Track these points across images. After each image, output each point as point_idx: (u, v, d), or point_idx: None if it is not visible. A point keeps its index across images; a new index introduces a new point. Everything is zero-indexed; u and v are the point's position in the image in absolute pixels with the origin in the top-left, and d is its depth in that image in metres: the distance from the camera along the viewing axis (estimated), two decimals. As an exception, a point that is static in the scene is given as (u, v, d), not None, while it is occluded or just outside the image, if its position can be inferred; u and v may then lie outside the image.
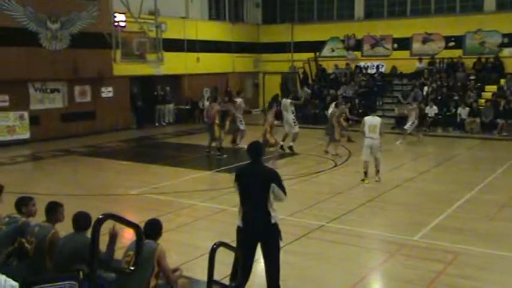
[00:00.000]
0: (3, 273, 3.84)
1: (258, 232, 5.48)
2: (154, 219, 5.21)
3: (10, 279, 3.78)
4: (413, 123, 17.64)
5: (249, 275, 5.56)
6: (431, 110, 20.35)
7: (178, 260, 6.33)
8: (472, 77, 21.90)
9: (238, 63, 27.11)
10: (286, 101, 15.61)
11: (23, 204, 5.59)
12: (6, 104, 17.37)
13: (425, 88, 21.94)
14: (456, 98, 20.96)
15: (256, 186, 5.46)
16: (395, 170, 13.21)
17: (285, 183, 5.71)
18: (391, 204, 10.05)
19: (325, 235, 8.17)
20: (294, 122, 15.38)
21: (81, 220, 5.01)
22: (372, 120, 11.55)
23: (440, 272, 6.65)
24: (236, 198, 5.67)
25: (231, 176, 5.75)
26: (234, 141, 16.71)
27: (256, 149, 5.64)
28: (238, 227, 5.56)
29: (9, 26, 16.65)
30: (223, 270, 5.53)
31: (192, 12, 24.44)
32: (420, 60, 23.46)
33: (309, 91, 24.41)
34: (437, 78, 22.33)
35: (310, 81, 25.97)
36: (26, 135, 17.89)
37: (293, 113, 15.46)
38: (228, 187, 5.76)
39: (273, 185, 5.43)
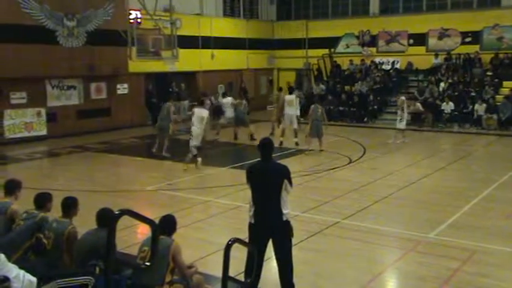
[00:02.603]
0: (21, 268, 3.90)
1: (270, 229, 5.48)
2: (169, 215, 5.23)
3: (29, 274, 3.84)
4: (401, 118, 16.40)
5: (261, 272, 5.57)
6: (448, 107, 20.16)
7: (192, 256, 6.36)
8: (489, 73, 21.61)
9: (252, 60, 27.10)
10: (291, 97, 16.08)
11: (48, 200, 5.67)
12: (24, 101, 17.61)
13: (442, 84, 21.71)
14: (473, 94, 20.72)
15: (270, 184, 5.44)
16: (411, 167, 13.11)
17: (301, 180, 5.69)
18: (406, 201, 9.97)
19: (341, 232, 8.14)
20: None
21: (105, 216, 5.03)
22: (199, 112, 12.74)
23: (456, 270, 6.59)
24: (249, 194, 5.66)
25: (242, 172, 5.74)
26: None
27: (269, 146, 5.60)
28: (250, 224, 5.56)
29: (27, 23, 16.85)
30: (238, 266, 5.54)
31: (206, 9, 24.49)
32: (436, 56, 23.22)
33: (323, 87, 24.36)
34: (454, 74, 22.07)
35: (324, 77, 25.87)
36: (43, 131, 18.10)
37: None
38: (242, 183, 5.74)
39: (286, 182, 5.43)
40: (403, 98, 16.81)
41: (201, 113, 12.83)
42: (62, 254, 5.16)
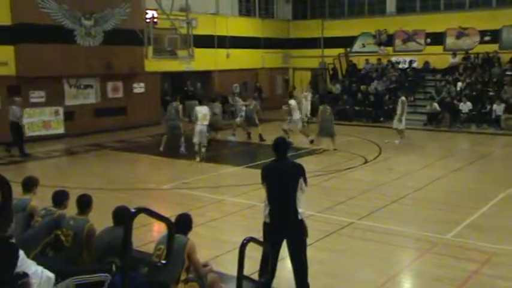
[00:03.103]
0: (40, 264, 3.95)
1: (285, 229, 5.47)
2: (185, 213, 5.26)
3: (47, 270, 3.87)
4: (400, 119, 15.96)
5: (275, 272, 5.57)
6: (465, 106, 19.93)
7: (207, 255, 6.38)
8: (508, 72, 21.30)
9: (268, 59, 27.08)
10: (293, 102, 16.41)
11: (66, 198, 5.76)
12: (43, 99, 17.84)
13: (459, 84, 21.47)
14: (491, 93, 20.46)
15: (287, 183, 5.45)
16: (427, 167, 12.98)
17: (316, 180, 5.68)
18: (423, 202, 9.88)
19: (356, 232, 8.10)
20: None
21: (121, 214, 5.07)
22: (201, 110, 13.88)
23: (474, 272, 6.51)
24: (263, 194, 5.66)
25: (257, 172, 5.74)
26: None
27: (283, 145, 5.63)
28: (265, 223, 5.56)
29: (46, 23, 17.06)
30: (253, 265, 5.54)
31: (222, 9, 24.53)
32: (454, 55, 22.96)
33: (339, 87, 24.25)
34: (472, 73, 21.80)
35: (340, 77, 25.75)
36: (61, 130, 18.32)
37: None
38: (257, 182, 5.74)
39: (301, 180, 5.43)
40: (403, 98, 16.19)
41: (203, 110, 13.96)
42: (81, 251, 5.23)
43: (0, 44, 16.55)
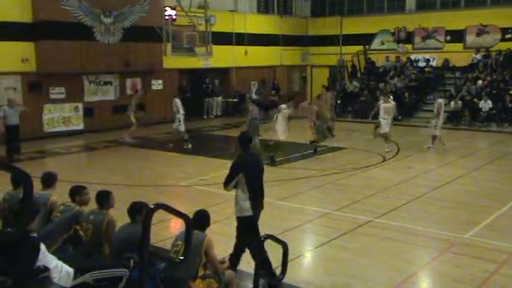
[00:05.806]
0: (59, 259, 4.02)
1: (259, 218, 6.00)
2: (202, 210, 5.29)
3: (66, 265, 3.95)
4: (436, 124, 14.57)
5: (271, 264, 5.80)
6: (486, 105, 19.65)
7: (224, 252, 6.40)
8: (530, 71, 20.97)
9: (286, 56, 27.01)
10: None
11: (77, 193, 5.82)
12: (63, 96, 18.06)
13: (479, 82, 21.17)
14: (513, 92, 20.16)
15: (260, 172, 5.97)
16: (446, 166, 12.85)
17: (333, 178, 5.70)
18: (441, 201, 9.78)
19: (373, 231, 8.06)
20: None
21: (138, 210, 5.12)
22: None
23: (493, 272, 6.44)
24: (281, 191, 5.70)
25: (275, 169, 5.85)
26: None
27: (248, 138, 6.21)
28: (248, 217, 5.87)
29: (66, 20, 17.23)
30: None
31: (240, 6, 24.54)
32: (477, 51, 22.62)
33: (357, 84, 24.10)
34: (493, 71, 21.47)
35: (358, 74, 25.59)
36: (80, 126, 18.54)
37: None
38: (274, 180, 5.76)
39: None
40: (440, 100, 15.03)
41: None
42: (100, 246, 5.29)
43: (21, 41, 16.80)
